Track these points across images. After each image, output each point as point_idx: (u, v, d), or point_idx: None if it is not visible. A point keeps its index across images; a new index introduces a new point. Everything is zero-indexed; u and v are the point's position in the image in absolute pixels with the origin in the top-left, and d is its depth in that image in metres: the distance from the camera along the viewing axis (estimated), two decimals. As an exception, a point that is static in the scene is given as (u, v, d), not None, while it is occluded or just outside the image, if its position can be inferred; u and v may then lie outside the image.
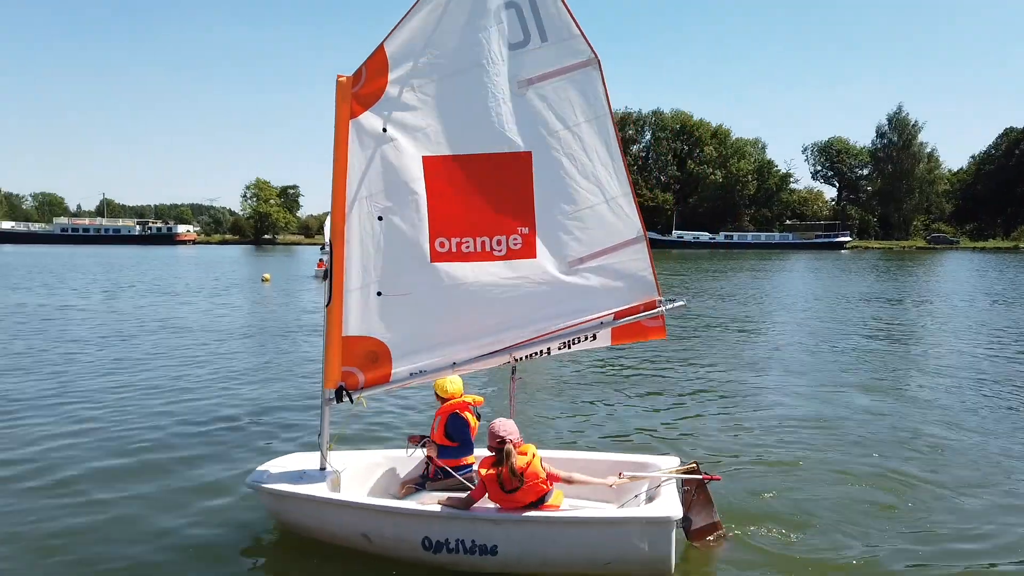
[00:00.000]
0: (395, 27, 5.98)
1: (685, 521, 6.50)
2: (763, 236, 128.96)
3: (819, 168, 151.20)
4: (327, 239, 7.07)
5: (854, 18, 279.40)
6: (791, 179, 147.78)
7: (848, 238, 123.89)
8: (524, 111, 6.04)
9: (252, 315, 25.50)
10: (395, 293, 6.33)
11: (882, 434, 10.60)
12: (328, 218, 7.49)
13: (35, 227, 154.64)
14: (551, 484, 6.09)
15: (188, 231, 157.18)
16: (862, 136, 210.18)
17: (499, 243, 6.25)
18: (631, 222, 6.31)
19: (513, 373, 6.74)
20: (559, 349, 6.43)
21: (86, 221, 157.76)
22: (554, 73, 6.00)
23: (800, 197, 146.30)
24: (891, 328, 22.71)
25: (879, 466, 9.11)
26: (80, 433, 10.37)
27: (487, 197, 6.16)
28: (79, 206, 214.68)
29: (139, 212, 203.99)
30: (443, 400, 6.98)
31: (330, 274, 6.38)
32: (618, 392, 13.50)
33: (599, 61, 6.00)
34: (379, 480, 7.01)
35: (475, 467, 6.69)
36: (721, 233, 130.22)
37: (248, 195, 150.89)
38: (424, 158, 6.11)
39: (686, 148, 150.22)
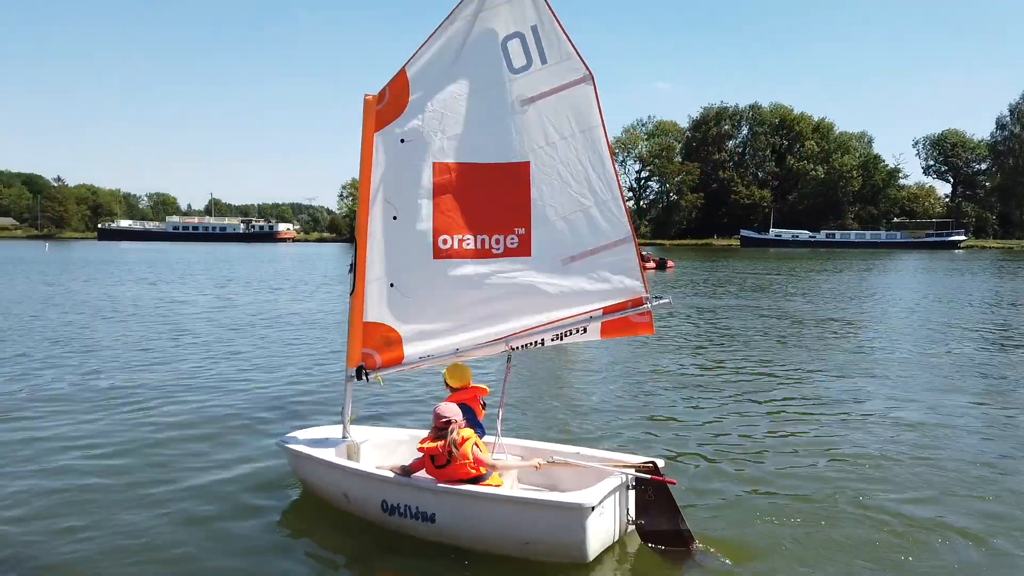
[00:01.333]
0: (415, 53, 6.70)
1: (640, 522, 6.64)
2: (868, 235, 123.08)
3: (931, 163, 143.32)
4: None
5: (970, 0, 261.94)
6: (900, 174, 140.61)
7: (963, 237, 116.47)
8: (524, 126, 6.60)
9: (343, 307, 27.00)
10: (406, 285, 7.06)
11: (972, 465, 9.18)
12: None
13: (150, 225, 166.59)
14: (479, 468, 6.55)
15: (288, 229, 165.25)
16: (980, 128, 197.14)
17: (497, 242, 6.87)
18: (620, 224, 6.77)
19: (509, 361, 7.33)
20: (552, 341, 6.95)
21: (195, 220, 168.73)
22: (553, 91, 6.54)
23: (910, 194, 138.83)
24: (1010, 334, 21.09)
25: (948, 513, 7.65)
26: (209, 407, 11.88)
27: (488, 200, 6.77)
28: (189, 205, 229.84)
29: (243, 211, 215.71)
30: (453, 390, 7.54)
31: (354, 266, 7.19)
32: (698, 392, 13.36)
33: (593, 77, 6.49)
34: (399, 455, 7.67)
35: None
36: (822, 232, 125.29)
37: (344, 194, 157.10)
38: (435, 164, 6.77)
39: (785, 143, 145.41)
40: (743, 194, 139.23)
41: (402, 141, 6.87)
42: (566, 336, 6.91)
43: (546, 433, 10.03)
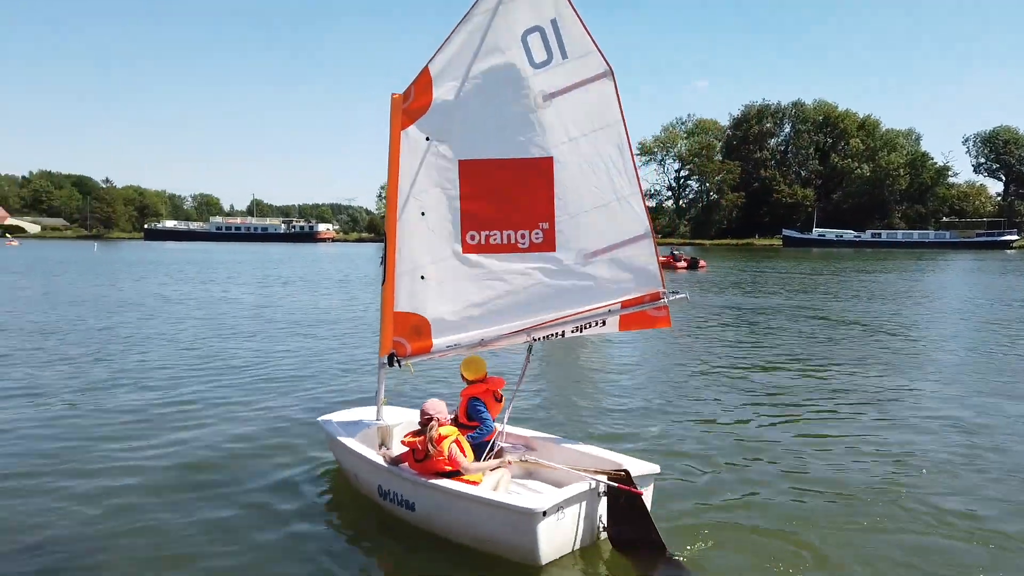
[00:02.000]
0: (436, 51, 6.90)
1: (609, 528, 6.64)
2: (916, 234, 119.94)
3: (982, 160, 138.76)
4: None
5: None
6: (949, 173, 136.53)
7: (1015, 236, 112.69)
8: (547, 121, 6.75)
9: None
10: (434, 278, 7.31)
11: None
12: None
13: (194, 226, 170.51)
14: (452, 466, 6.77)
15: (328, 229, 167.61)
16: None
17: (523, 237, 7.05)
18: (639, 219, 6.89)
19: (529, 351, 7.54)
20: (572, 332, 7.11)
21: (238, 220, 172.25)
22: (573, 86, 6.68)
23: (960, 192, 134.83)
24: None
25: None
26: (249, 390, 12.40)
27: (513, 196, 6.95)
28: (232, 206, 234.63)
29: (284, 211, 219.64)
30: (468, 382, 7.80)
31: (384, 259, 7.45)
32: (733, 391, 13.35)
33: (613, 72, 6.61)
34: None
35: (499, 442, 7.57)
36: (868, 231, 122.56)
37: (382, 195, 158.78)
38: (460, 162, 6.99)
39: (829, 141, 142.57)
40: (785, 193, 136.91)
41: (428, 139, 7.10)
42: (586, 328, 7.06)
43: (561, 427, 10.20)
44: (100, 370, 14.68)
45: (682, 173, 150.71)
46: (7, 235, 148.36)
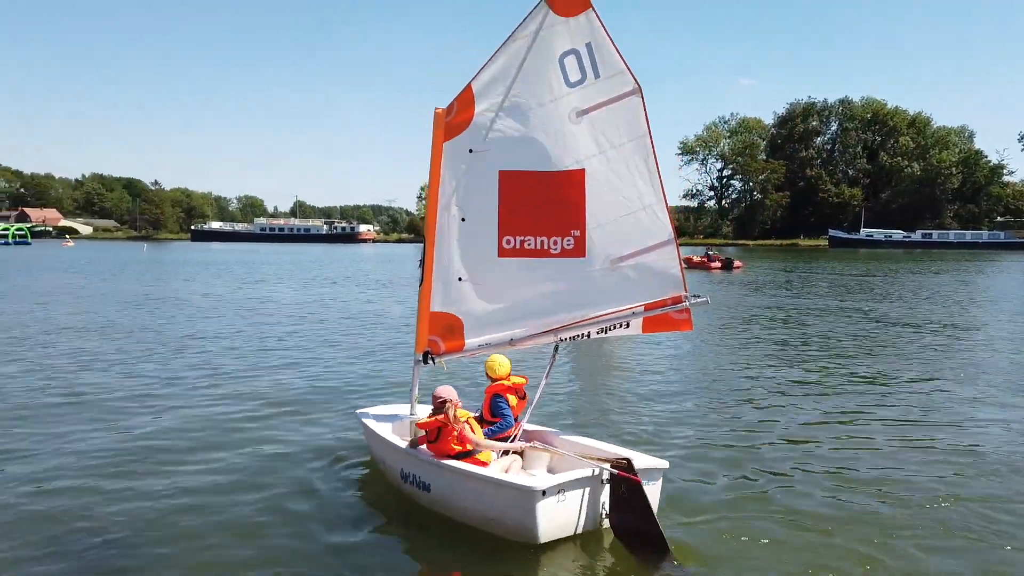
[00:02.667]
0: (480, 70, 7.47)
1: (611, 515, 6.92)
2: (968, 235, 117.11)
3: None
4: None
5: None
6: (1004, 171, 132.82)
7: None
8: (579, 136, 7.28)
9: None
10: (471, 280, 7.88)
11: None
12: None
13: (239, 227, 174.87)
14: (465, 445, 7.34)
15: (368, 230, 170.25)
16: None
17: (555, 243, 7.57)
18: (663, 226, 7.36)
19: (555, 351, 8.06)
20: (598, 334, 7.63)
21: (281, 221, 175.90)
22: (605, 103, 7.17)
23: (1015, 191, 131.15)
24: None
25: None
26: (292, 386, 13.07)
27: (547, 205, 7.49)
28: (276, 207, 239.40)
29: (326, 213, 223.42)
30: (492, 379, 8.34)
31: (423, 262, 8.07)
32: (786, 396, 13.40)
33: (641, 89, 7.10)
34: None
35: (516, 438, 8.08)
36: (918, 231, 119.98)
37: (422, 196, 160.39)
38: (500, 172, 7.55)
39: (878, 139, 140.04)
40: (832, 192, 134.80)
41: (470, 151, 7.69)
42: (610, 330, 7.57)
43: (586, 426, 10.55)
44: (156, 367, 15.63)
45: (725, 172, 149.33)
46: (65, 236, 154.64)
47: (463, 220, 7.81)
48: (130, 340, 19.16)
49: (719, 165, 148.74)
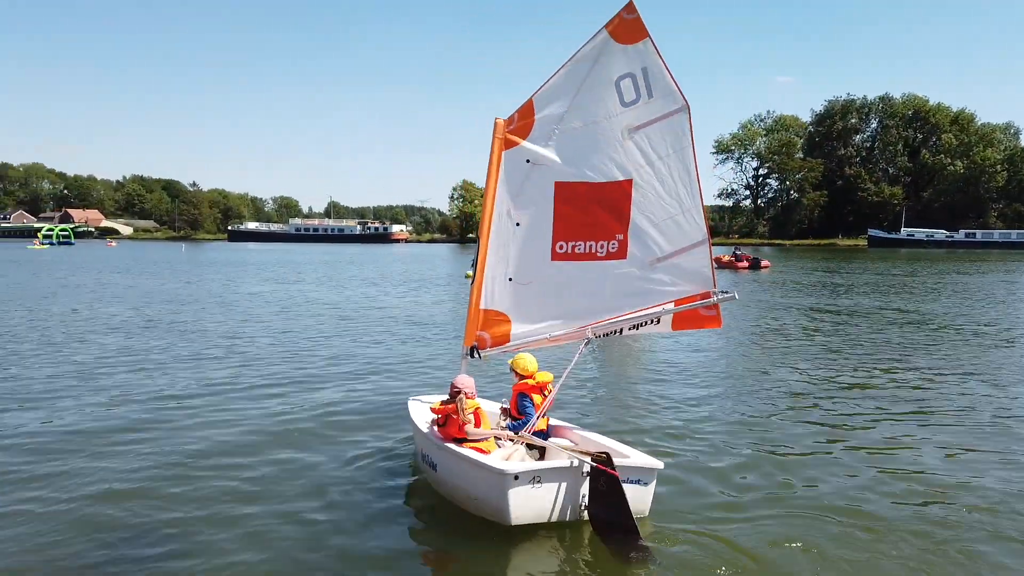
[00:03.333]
0: (541, 87, 8.12)
1: (589, 507, 7.17)
2: (1014, 234, 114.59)
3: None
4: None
5: None
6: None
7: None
8: (629, 150, 7.92)
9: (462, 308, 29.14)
10: (521, 280, 8.55)
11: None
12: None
13: (274, 227, 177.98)
14: (464, 431, 7.93)
15: (401, 230, 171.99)
16: None
17: (601, 247, 8.25)
18: (699, 227, 7.99)
19: (585, 345, 8.52)
20: (629, 330, 8.31)
21: (315, 222, 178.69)
22: (655, 120, 7.82)
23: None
24: None
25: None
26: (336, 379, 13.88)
27: (596, 212, 8.13)
28: (310, 208, 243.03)
29: (360, 213, 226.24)
30: (520, 377, 8.73)
31: (476, 262, 8.73)
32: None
33: (688, 107, 7.72)
34: (496, 426, 8.99)
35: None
36: (961, 231, 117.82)
37: (455, 196, 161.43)
38: (556, 183, 8.20)
39: (919, 136, 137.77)
40: (871, 191, 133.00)
41: (527, 161, 8.35)
42: (642, 327, 8.23)
43: (606, 425, 10.82)
44: (216, 363, 16.53)
45: (761, 171, 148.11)
46: (109, 237, 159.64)
47: (517, 225, 8.48)
48: (180, 339, 20.11)
49: (755, 164, 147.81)
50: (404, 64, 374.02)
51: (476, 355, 8.81)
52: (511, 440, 8.08)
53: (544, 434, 8.51)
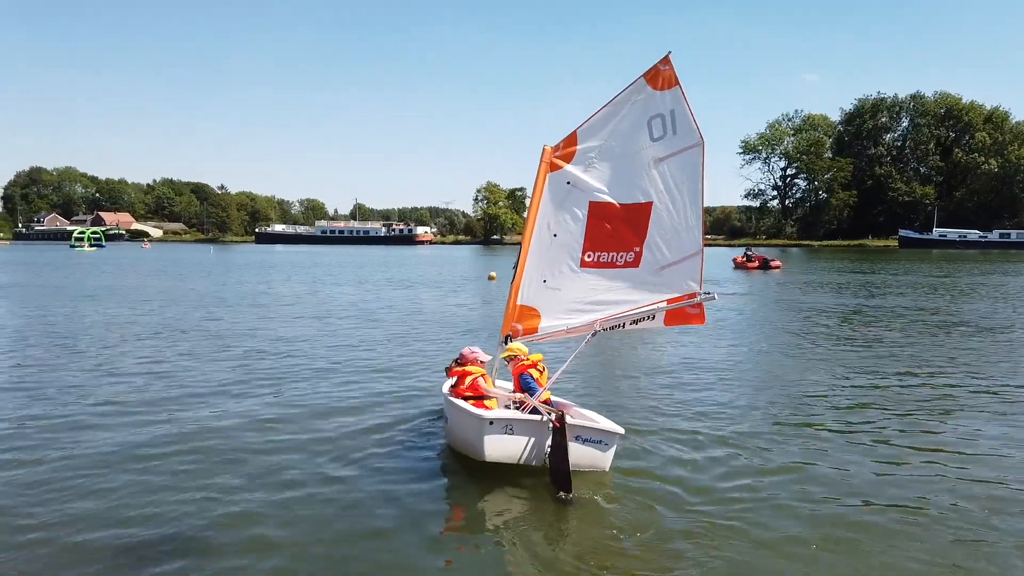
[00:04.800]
0: (584, 121, 9.78)
1: (547, 456, 8.78)
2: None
3: None
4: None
5: None
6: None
7: None
8: (653, 178, 9.56)
9: (487, 311, 30.77)
10: (552, 283, 10.31)
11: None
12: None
13: (301, 229, 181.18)
14: (474, 390, 9.74)
15: (425, 232, 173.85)
16: None
17: (621, 257, 9.95)
18: (697, 241, 9.68)
19: (593, 335, 10.23)
20: (631, 325, 10.08)
21: (341, 224, 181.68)
22: (676, 153, 9.47)
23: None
24: None
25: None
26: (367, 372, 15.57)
27: (621, 228, 9.81)
28: (336, 210, 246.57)
29: (385, 215, 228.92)
30: (518, 361, 10.10)
31: (516, 264, 10.47)
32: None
33: (703, 142, 9.39)
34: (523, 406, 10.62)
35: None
36: (995, 231, 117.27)
37: (479, 198, 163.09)
38: (590, 202, 9.88)
39: (952, 135, 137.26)
40: (902, 191, 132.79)
41: (568, 183, 10.04)
42: (639, 322, 10.02)
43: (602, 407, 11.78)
44: (266, 359, 18.20)
45: (788, 171, 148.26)
46: (143, 240, 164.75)
47: (555, 236, 10.22)
48: (221, 342, 21.96)
49: (782, 164, 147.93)
50: (430, 67, 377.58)
51: (509, 342, 10.57)
52: (522, 404, 9.75)
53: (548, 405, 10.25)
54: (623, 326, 10.23)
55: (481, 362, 10.23)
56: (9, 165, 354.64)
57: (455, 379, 10.17)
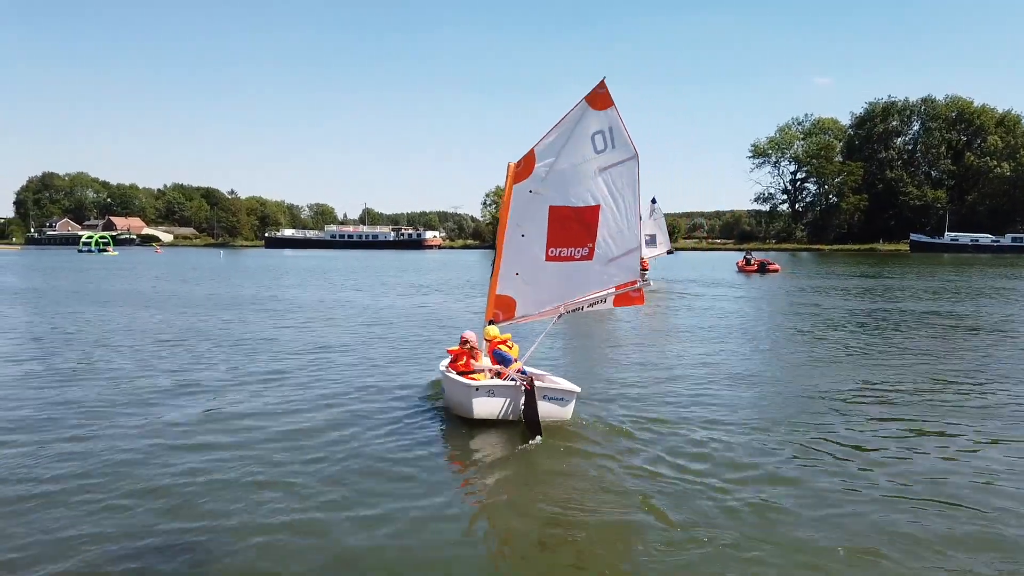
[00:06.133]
0: (539, 141, 11.96)
1: (522, 410, 11.05)
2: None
3: None
4: None
5: None
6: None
7: None
8: (599, 184, 11.71)
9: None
10: (523, 275, 12.53)
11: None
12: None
13: (310, 234, 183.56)
14: (471, 365, 12.03)
15: (434, 236, 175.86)
16: None
17: (577, 252, 12.15)
18: (636, 238, 11.90)
19: (559, 317, 12.67)
20: (588, 308, 12.25)
21: (350, 228, 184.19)
22: (615, 164, 11.60)
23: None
24: None
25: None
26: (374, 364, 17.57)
27: (575, 228, 11.98)
28: (345, 215, 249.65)
29: (394, 220, 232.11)
30: (489, 342, 12.42)
31: (494, 262, 12.70)
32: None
33: (638, 156, 11.55)
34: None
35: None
36: (1008, 235, 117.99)
37: (488, 202, 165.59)
38: (550, 207, 12.06)
39: (964, 139, 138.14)
40: (913, 195, 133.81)
41: (530, 192, 12.22)
42: (594, 305, 12.24)
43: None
44: (285, 354, 20.09)
45: (798, 175, 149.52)
46: (155, 244, 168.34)
47: (523, 236, 12.43)
48: (241, 346, 23.80)
49: (792, 167, 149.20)
50: (439, 71, 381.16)
51: (492, 324, 12.87)
52: (502, 375, 11.89)
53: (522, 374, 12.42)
54: (583, 308, 12.47)
55: (472, 343, 12.42)
56: (22, 170, 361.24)
57: (452, 357, 12.42)
